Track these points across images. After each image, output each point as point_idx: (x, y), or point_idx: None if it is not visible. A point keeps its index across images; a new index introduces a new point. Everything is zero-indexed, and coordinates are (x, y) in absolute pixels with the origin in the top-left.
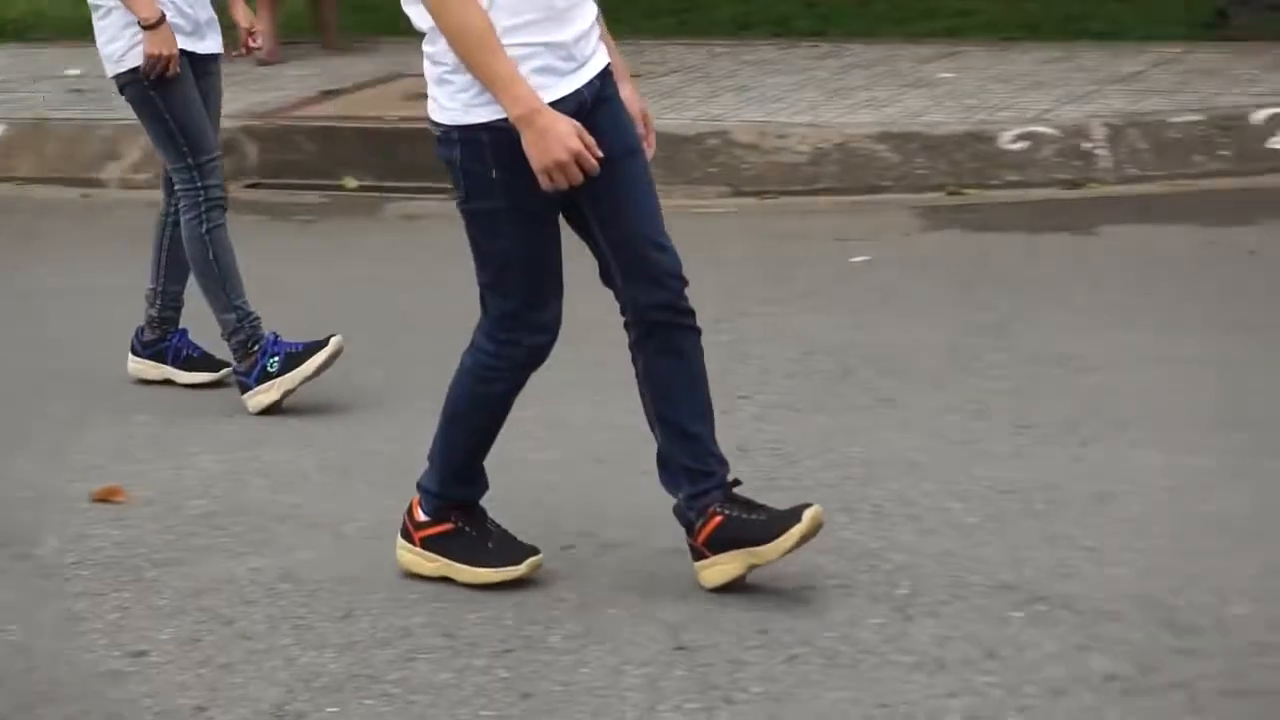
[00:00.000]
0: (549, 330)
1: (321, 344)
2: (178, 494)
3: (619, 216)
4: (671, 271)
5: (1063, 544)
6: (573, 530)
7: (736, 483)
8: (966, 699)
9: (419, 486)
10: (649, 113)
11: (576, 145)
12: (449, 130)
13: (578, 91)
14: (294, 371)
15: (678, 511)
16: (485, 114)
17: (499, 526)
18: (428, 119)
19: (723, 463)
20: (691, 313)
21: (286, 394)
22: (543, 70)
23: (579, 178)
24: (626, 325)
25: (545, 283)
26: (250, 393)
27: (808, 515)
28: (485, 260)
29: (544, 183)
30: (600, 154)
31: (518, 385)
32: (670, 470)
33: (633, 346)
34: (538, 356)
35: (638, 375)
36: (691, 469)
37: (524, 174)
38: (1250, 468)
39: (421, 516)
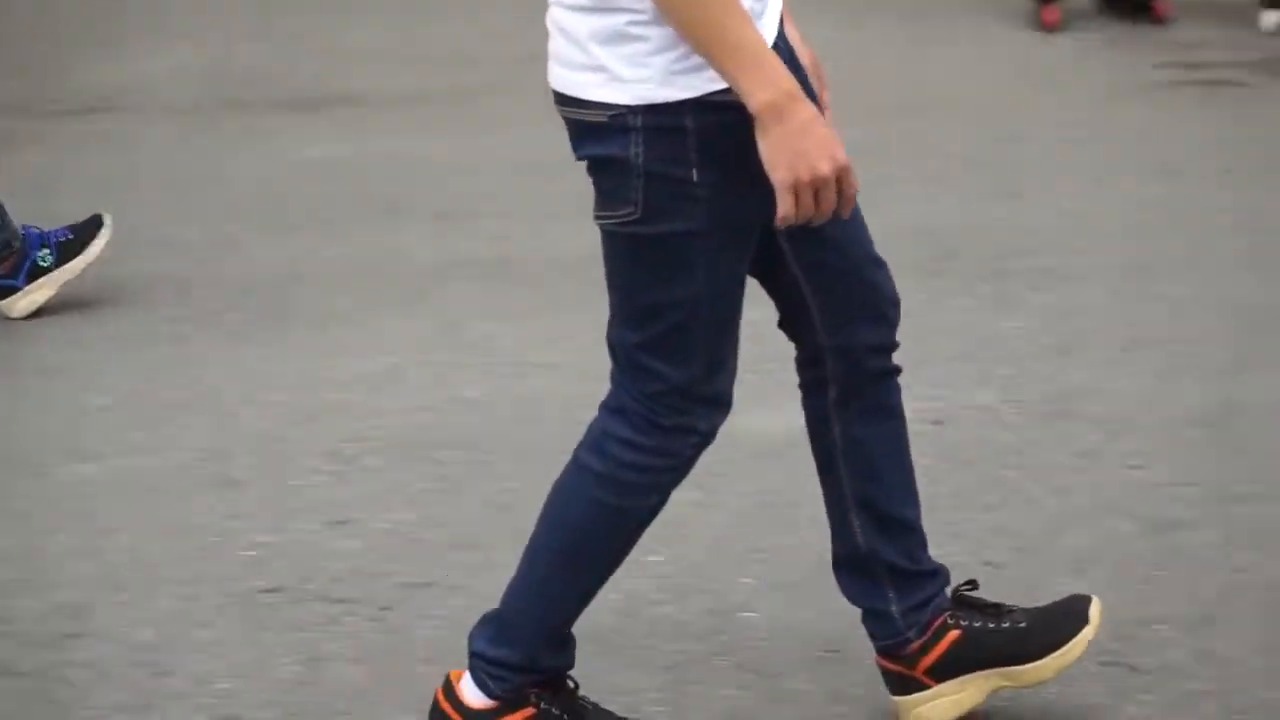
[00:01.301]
0: (727, 404)
1: (94, 224)
2: None
3: (831, 231)
4: (893, 299)
5: None
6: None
7: (973, 584)
8: None
9: (477, 656)
10: (820, 63)
11: (844, 157)
12: (624, 112)
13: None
14: (74, 261)
15: (880, 630)
16: (698, 84)
17: (589, 700)
18: (564, 98)
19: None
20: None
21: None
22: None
23: (832, 207)
24: (814, 383)
25: (732, 337)
26: (18, 295)
27: (1094, 614)
28: (653, 310)
29: (786, 206)
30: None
31: (669, 493)
32: (869, 574)
33: (829, 410)
34: (707, 444)
35: (831, 449)
36: (908, 571)
37: (740, 181)
38: None
39: (478, 702)
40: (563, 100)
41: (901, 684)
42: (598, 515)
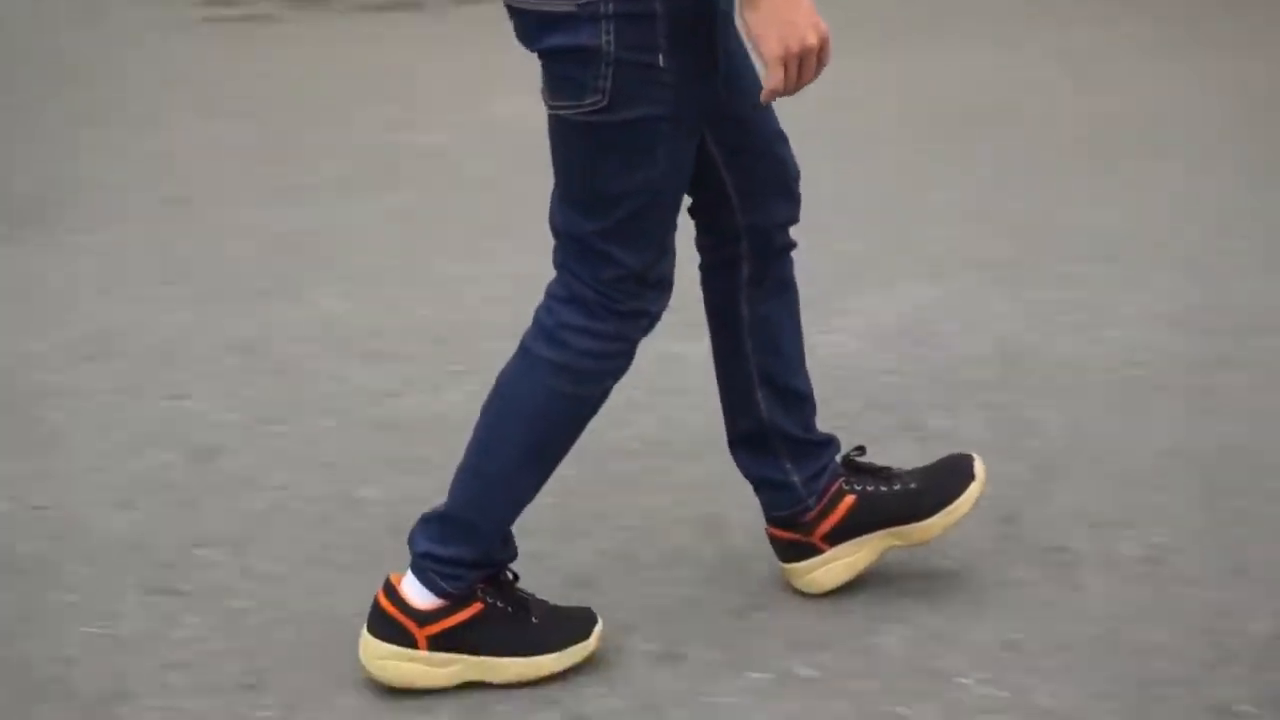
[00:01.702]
0: (671, 286)
1: None
2: None
3: (748, 112)
4: (796, 173)
5: None
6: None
7: (861, 450)
8: None
9: (422, 560)
10: None
11: (825, 27)
12: (595, 0)
13: None
14: None
15: (779, 501)
16: None
17: (527, 591)
18: None
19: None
20: None
21: None
22: None
23: (813, 78)
24: (725, 264)
25: (674, 222)
26: None
27: (979, 470)
28: (614, 199)
29: (776, 80)
30: None
31: (618, 379)
32: (769, 448)
33: (740, 289)
34: (653, 327)
35: (738, 328)
36: (805, 441)
37: (702, 65)
38: None
39: (426, 602)
40: None
41: (795, 550)
42: (557, 405)
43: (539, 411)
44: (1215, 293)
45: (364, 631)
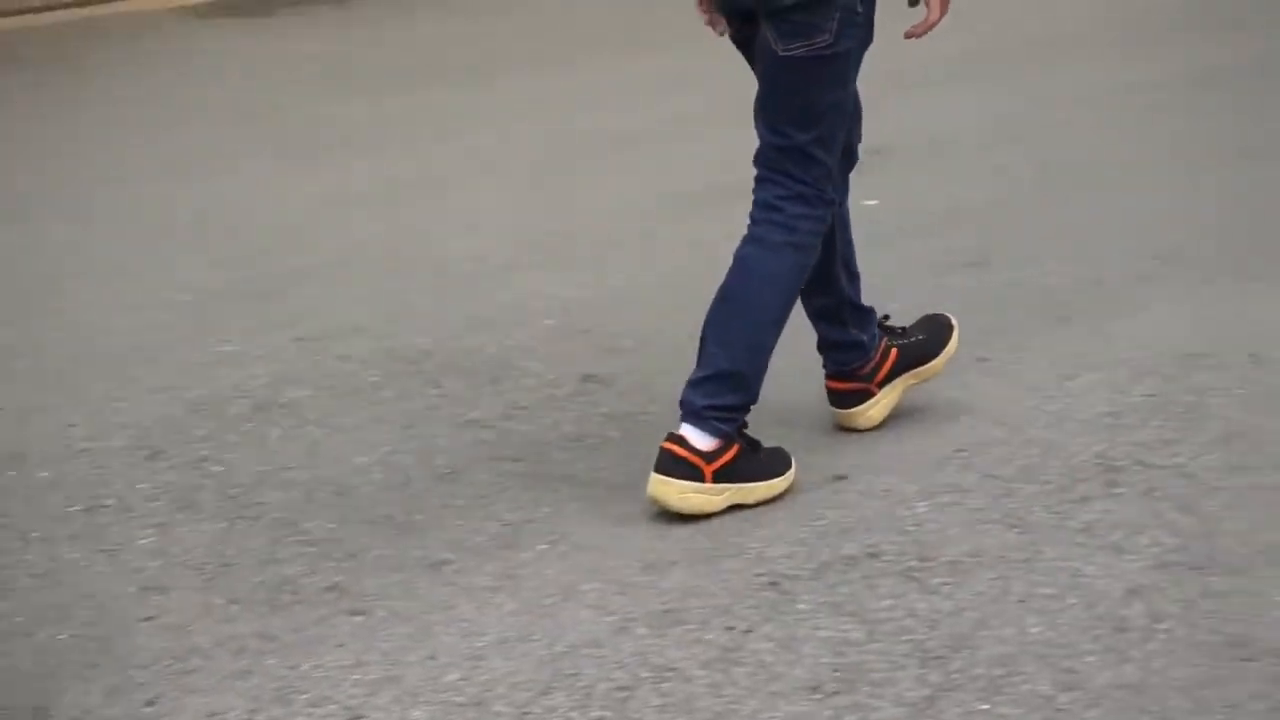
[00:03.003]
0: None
1: None
2: None
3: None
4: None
5: None
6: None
7: (886, 316)
8: None
9: (704, 414)
10: None
11: None
12: None
13: None
14: None
15: (852, 358)
16: None
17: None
18: None
19: None
20: None
21: None
22: None
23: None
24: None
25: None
26: None
27: (954, 319)
28: (827, 112)
29: (937, 15)
30: None
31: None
32: (842, 318)
33: (837, 192)
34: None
35: (838, 224)
36: (864, 308)
37: (871, 12)
38: None
39: (708, 444)
40: None
41: (856, 398)
42: (796, 274)
43: (786, 282)
44: None
45: (655, 476)
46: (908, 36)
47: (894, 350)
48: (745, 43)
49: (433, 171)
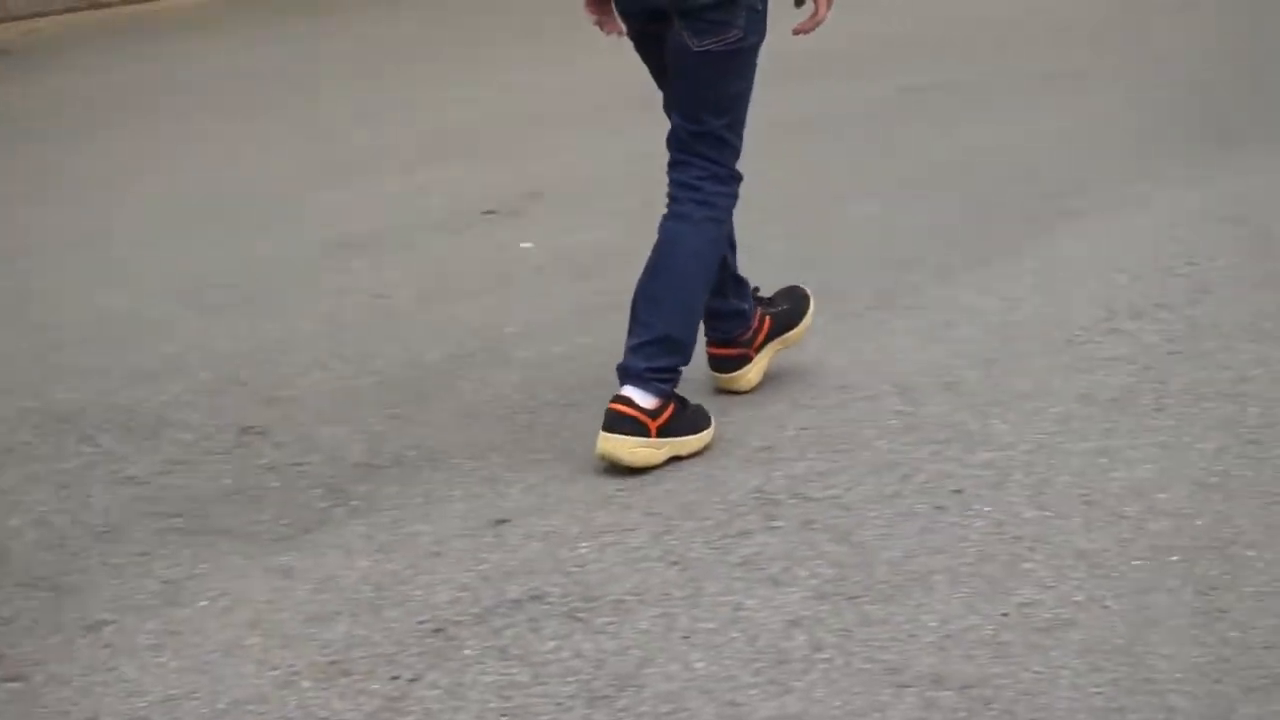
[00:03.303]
0: None
1: None
2: None
3: None
4: None
5: None
6: None
7: (756, 287)
8: None
9: (646, 375)
10: None
11: None
12: None
13: None
14: None
15: (737, 326)
16: None
17: None
18: None
19: None
20: None
21: None
22: None
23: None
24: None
25: None
26: None
27: (810, 290)
28: (735, 100)
29: (824, 15)
30: None
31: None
32: (724, 290)
33: None
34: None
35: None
36: (741, 279)
37: (766, 7)
38: None
39: (651, 403)
40: None
41: (735, 362)
42: (719, 246)
43: (710, 252)
44: None
45: (604, 435)
46: (796, 33)
47: (768, 318)
48: (648, 40)
49: (92, 223)
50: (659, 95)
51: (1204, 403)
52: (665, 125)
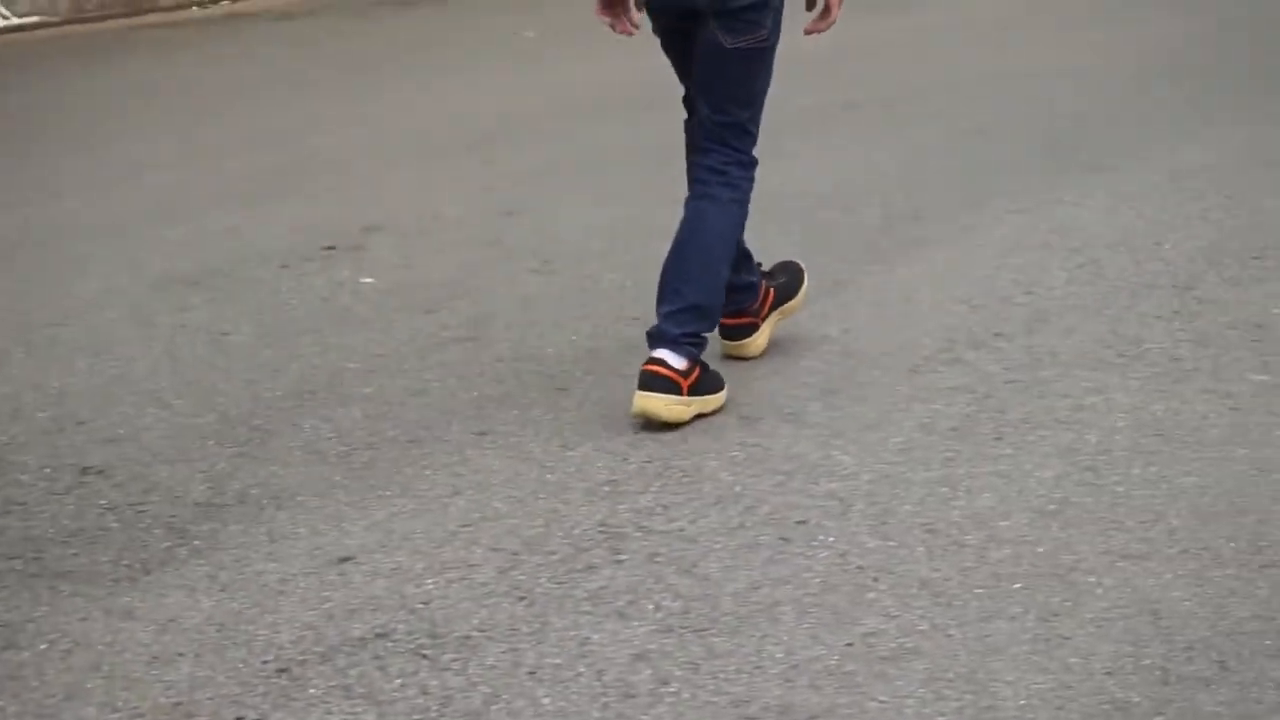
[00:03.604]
0: None
1: None
2: None
3: None
4: None
5: None
6: None
7: (759, 262)
8: None
9: (678, 340)
10: None
11: None
12: None
13: None
14: None
15: (748, 297)
16: None
17: None
18: None
19: None
20: None
21: None
22: None
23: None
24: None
25: None
26: None
27: (803, 265)
28: (758, 93)
29: (835, 17)
30: None
31: None
32: (740, 264)
33: None
34: None
35: None
36: (749, 254)
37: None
38: None
39: (683, 364)
40: None
41: (744, 330)
42: (741, 224)
43: (734, 231)
44: None
45: (640, 393)
46: (808, 33)
47: (771, 290)
48: (675, 36)
49: None
50: (498, 131)
51: (1042, 430)
52: (502, 158)
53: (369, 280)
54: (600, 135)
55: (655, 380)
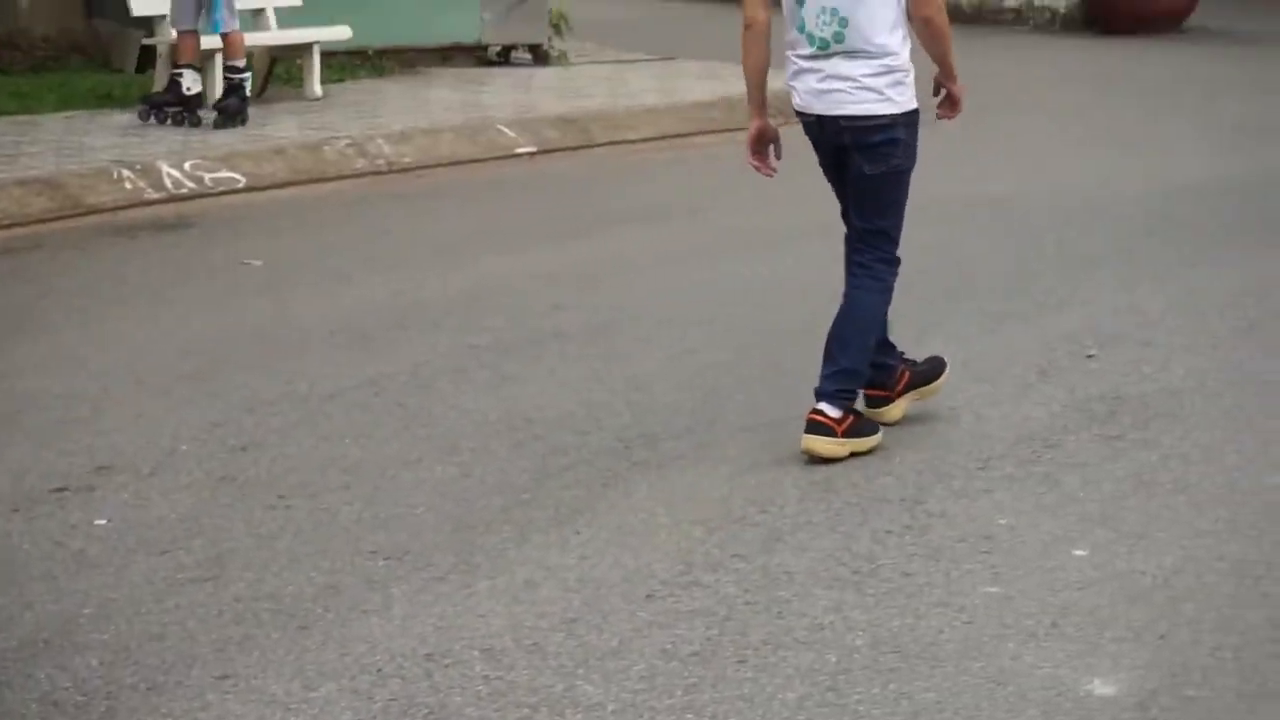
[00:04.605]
0: None
1: None
2: None
3: None
4: None
5: None
6: None
7: (901, 351)
8: None
9: (835, 395)
10: None
11: None
12: (899, 117)
13: None
14: None
15: (887, 377)
16: (913, 100)
17: None
18: (860, 117)
19: None
20: None
21: None
22: None
23: None
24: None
25: None
26: None
27: (946, 358)
28: (898, 208)
29: (961, 105)
30: None
31: None
32: (881, 349)
33: None
34: None
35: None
36: (890, 343)
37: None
38: None
39: (837, 414)
40: (856, 119)
41: (881, 401)
42: (885, 308)
43: (879, 313)
44: None
45: (807, 436)
46: (940, 117)
47: (907, 372)
48: (832, 166)
49: None
50: (225, 362)
51: (783, 651)
52: (230, 390)
53: (102, 522)
54: (328, 365)
55: (817, 426)
